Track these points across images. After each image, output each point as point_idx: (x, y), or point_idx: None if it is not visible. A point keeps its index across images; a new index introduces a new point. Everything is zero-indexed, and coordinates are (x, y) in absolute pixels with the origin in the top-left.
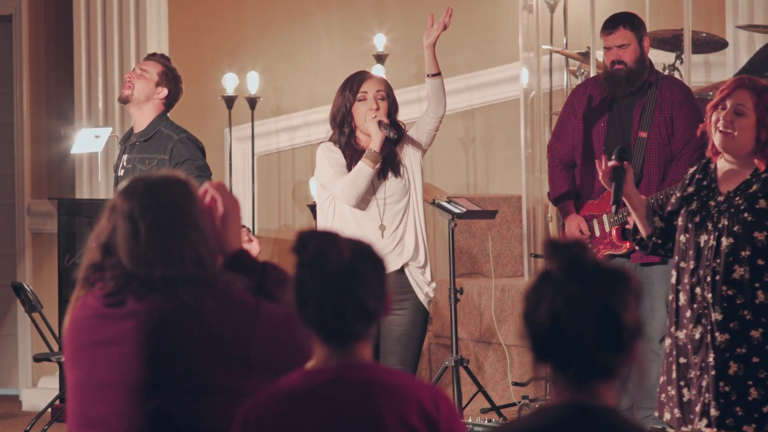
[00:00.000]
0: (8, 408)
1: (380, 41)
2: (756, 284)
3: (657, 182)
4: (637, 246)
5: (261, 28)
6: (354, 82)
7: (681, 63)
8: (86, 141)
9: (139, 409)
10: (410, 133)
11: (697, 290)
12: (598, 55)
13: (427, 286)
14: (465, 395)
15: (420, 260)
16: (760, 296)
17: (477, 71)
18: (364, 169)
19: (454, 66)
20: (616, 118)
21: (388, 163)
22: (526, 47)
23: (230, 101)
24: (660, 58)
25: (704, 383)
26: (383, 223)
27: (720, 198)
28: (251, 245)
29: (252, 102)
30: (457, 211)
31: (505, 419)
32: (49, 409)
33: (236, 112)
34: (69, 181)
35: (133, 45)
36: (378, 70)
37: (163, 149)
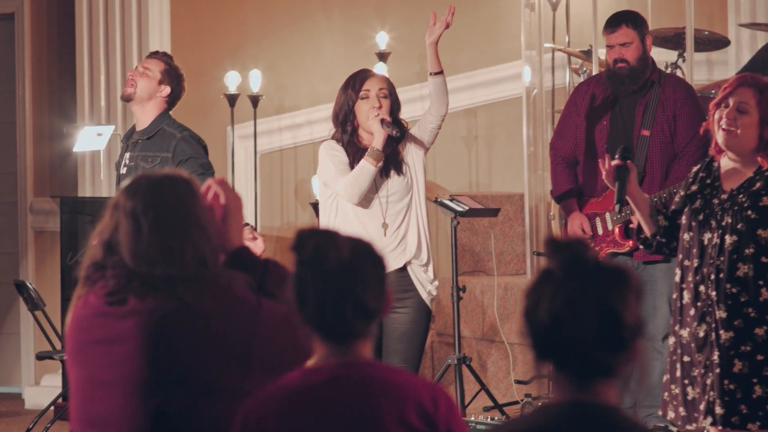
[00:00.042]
0: (11, 406)
1: (383, 39)
2: (760, 282)
3: (660, 181)
4: (642, 245)
5: (263, 27)
6: (356, 80)
7: (683, 61)
8: (89, 139)
9: (141, 408)
10: (413, 132)
11: (701, 288)
12: (601, 54)
13: (430, 284)
14: (468, 393)
15: (422, 258)
16: (765, 294)
17: (479, 69)
18: (367, 168)
19: (457, 64)
20: (619, 117)
21: (391, 162)
22: (529, 45)
23: (233, 99)
24: (662, 57)
25: (709, 381)
26: (386, 222)
27: (723, 196)
28: (256, 243)
29: (254, 100)
30: (460, 209)
31: (508, 417)
32: (52, 408)
33: (239, 111)
34: (71, 179)
35: (136, 43)
36: (380, 68)
37: (166, 147)
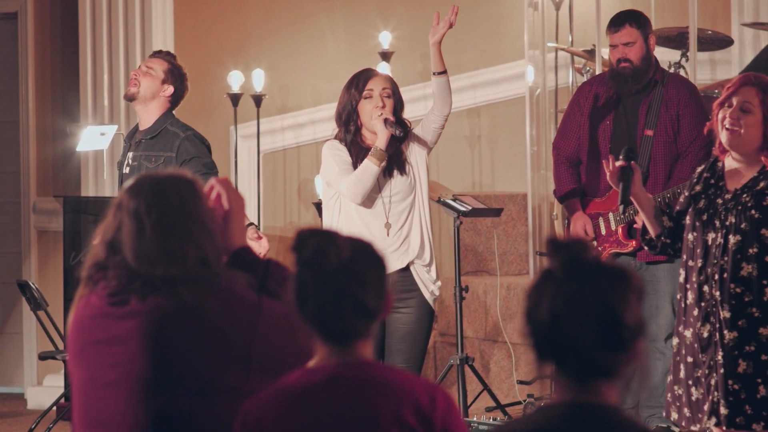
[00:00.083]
0: (13, 406)
1: (386, 39)
2: (764, 281)
3: (663, 180)
4: (647, 246)
5: (266, 26)
6: (360, 80)
7: (686, 60)
8: (92, 138)
9: (143, 408)
10: (416, 131)
11: (705, 288)
12: (604, 53)
13: (433, 284)
14: (470, 393)
15: (425, 258)
16: None
17: (482, 69)
18: (370, 167)
19: (460, 64)
20: (622, 116)
21: (394, 161)
22: (532, 45)
23: (235, 99)
24: (665, 56)
25: (713, 382)
26: (389, 221)
27: (727, 196)
28: (260, 242)
29: (257, 100)
30: (463, 209)
31: (511, 418)
32: (54, 408)
33: (241, 110)
34: (74, 179)
35: (139, 42)
36: (383, 68)
37: (170, 147)
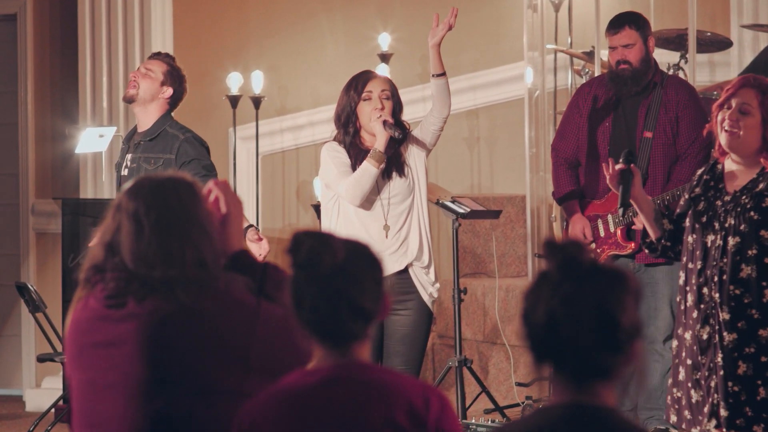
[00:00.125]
0: (12, 408)
1: (385, 41)
2: (763, 283)
3: (662, 182)
4: (647, 249)
5: (265, 28)
6: (359, 82)
7: (686, 62)
8: (90, 140)
9: (142, 411)
10: (415, 133)
11: (705, 290)
12: (603, 55)
13: (431, 286)
14: (469, 396)
15: (424, 260)
16: None
17: (481, 71)
18: (369, 169)
19: (459, 66)
20: (621, 118)
21: (393, 163)
22: (531, 47)
23: (234, 101)
24: (664, 58)
25: (713, 384)
26: (387, 223)
27: (727, 198)
28: (260, 244)
29: (256, 101)
30: (462, 211)
31: (509, 420)
32: (53, 410)
33: (240, 112)
34: (73, 181)
35: (138, 44)
36: (382, 70)
37: (169, 149)
